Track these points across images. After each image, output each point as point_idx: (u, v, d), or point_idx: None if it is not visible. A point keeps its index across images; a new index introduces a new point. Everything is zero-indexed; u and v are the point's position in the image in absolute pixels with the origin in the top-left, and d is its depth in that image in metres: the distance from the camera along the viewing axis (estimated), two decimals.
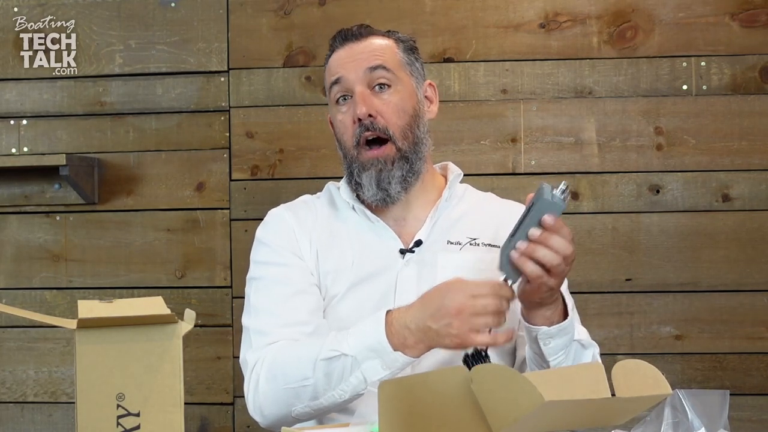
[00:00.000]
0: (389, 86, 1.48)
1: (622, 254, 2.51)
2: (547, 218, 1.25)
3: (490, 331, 1.28)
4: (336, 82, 1.49)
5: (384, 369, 1.31)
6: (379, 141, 1.47)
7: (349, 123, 1.48)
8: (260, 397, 1.39)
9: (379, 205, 1.49)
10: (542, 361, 1.38)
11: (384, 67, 1.48)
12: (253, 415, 1.43)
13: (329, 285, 1.49)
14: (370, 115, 1.45)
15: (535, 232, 1.25)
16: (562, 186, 1.26)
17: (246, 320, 1.50)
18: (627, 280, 2.51)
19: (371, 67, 1.47)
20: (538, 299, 1.32)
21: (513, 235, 1.28)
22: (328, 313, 1.48)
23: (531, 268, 1.26)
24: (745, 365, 2.48)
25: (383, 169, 1.46)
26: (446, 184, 1.58)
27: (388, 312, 1.33)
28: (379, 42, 1.51)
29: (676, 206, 2.51)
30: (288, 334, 1.42)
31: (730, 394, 1.04)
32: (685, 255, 2.50)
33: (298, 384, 1.35)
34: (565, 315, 1.37)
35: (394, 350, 1.30)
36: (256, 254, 1.55)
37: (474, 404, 0.85)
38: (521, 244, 1.26)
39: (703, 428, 1.00)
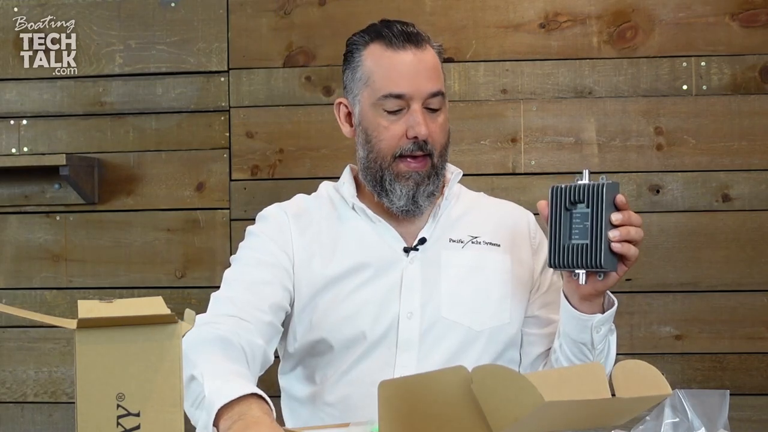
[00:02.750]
0: (439, 108, 1.48)
1: None
2: (621, 197, 1.29)
3: None
4: (398, 96, 1.45)
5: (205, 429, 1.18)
6: (421, 156, 1.48)
7: (397, 133, 1.45)
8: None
9: (401, 215, 1.49)
10: (588, 350, 1.39)
11: (442, 94, 1.48)
12: None
13: (333, 287, 1.48)
14: None
15: (618, 216, 1.27)
16: (587, 173, 1.32)
17: (218, 290, 1.53)
18: (627, 280, 2.51)
19: (433, 93, 1.46)
20: (605, 288, 1.34)
21: (594, 229, 1.27)
22: (334, 314, 1.47)
23: (633, 250, 1.28)
24: (745, 365, 2.48)
25: (420, 183, 1.46)
26: (444, 182, 1.58)
27: (254, 395, 1.18)
28: (431, 54, 1.49)
29: (676, 206, 2.51)
30: (233, 311, 1.42)
31: (730, 394, 1.04)
32: (685, 255, 2.50)
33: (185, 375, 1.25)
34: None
35: (213, 425, 1.16)
36: (245, 242, 1.55)
37: (474, 404, 0.85)
38: (613, 233, 1.27)
39: (703, 428, 1.00)
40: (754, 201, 2.49)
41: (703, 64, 2.50)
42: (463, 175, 1.60)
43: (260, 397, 1.18)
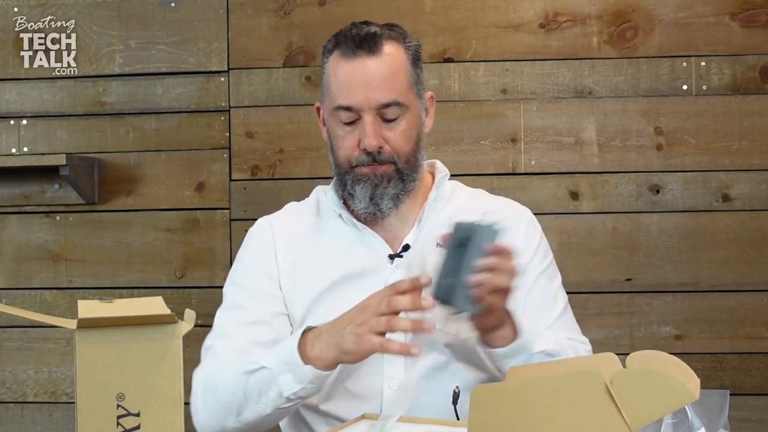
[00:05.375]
0: (397, 117, 1.44)
1: (622, 254, 2.51)
2: (493, 245, 1.26)
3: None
4: (345, 108, 1.42)
5: (296, 383, 1.28)
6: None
7: (352, 144, 1.44)
8: (197, 409, 1.40)
9: (369, 218, 1.47)
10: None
11: (397, 103, 1.43)
12: (195, 424, 1.42)
13: (318, 300, 1.46)
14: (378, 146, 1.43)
15: (486, 261, 1.25)
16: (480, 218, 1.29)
17: (210, 334, 1.51)
18: (627, 280, 2.51)
19: (385, 104, 1.42)
20: (498, 322, 1.32)
21: (456, 270, 1.26)
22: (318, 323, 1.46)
23: (493, 298, 1.26)
24: (745, 365, 2.48)
25: (378, 185, 1.44)
26: (433, 183, 1.55)
27: (308, 327, 1.31)
28: (391, 58, 1.44)
29: (676, 206, 2.51)
30: (231, 357, 1.42)
31: (730, 394, 1.04)
32: (685, 255, 2.50)
33: (227, 398, 1.35)
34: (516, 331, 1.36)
35: (305, 363, 1.27)
36: (232, 271, 1.56)
37: (603, 406, 0.86)
38: (476, 277, 1.25)
39: (703, 428, 1.00)
40: (754, 201, 2.49)
41: (703, 64, 2.50)
42: (463, 175, 1.59)
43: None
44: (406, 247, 1.48)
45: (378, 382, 1.42)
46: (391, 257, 1.47)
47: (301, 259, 1.49)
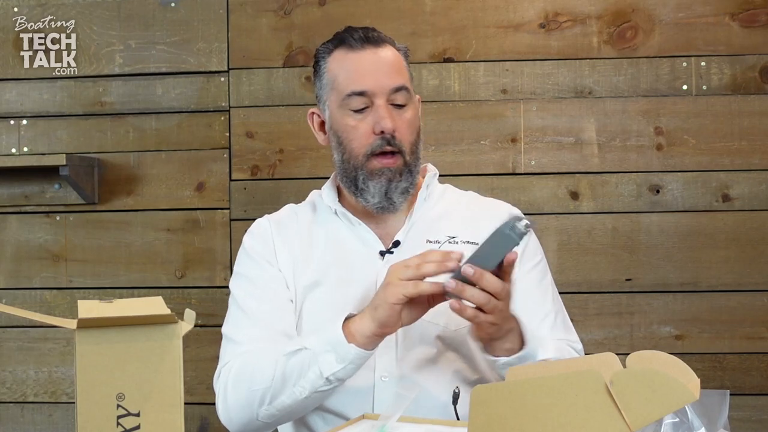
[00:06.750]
0: (405, 104, 1.50)
1: (622, 254, 2.51)
2: (510, 257, 1.25)
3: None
4: (360, 93, 1.47)
5: (338, 362, 1.32)
6: (391, 152, 1.49)
7: (365, 132, 1.47)
8: (228, 403, 1.42)
9: (378, 212, 1.51)
10: None
11: (406, 88, 1.49)
12: (223, 422, 1.45)
13: (310, 290, 1.50)
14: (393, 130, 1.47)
15: (468, 270, 1.23)
16: (525, 222, 1.21)
17: (224, 329, 1.53)
18: (627, 280, 2.51)
19: (396, 88, 1.47)
20: (487, 335, 1.32)
21: (476, 258, 1.24)
22: (309, 318, 1.49)
23: (469, 312, 1.26)
24: (745, 365, 2.48)
25: (392, 179, 1.48)
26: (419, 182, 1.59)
27: (350, 315, 1.35)
28: (393, 53, 1.51)
29: (676, 206, 2.51)
30: (264, 346, 1.44)
31: (730, 394, 1.04)
32: (685, 255, 2.50)
33: (262, 385, 1.37)
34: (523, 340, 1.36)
35: (348, 342, 1.31)
36: (239, 265, 1.58)
37: (604, 405, 0.86)
38: (449, 283, 1.25)
39: (703, 428, 1.00)
40: (754, 201, 2.49)
41: (703, 64, 2.50)
42: (463, 175, 1.60)
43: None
44: (396, 243, 1.52)
45: (370, 376, 1.43)
46: (382, 253, 1.51)
47: (296, 251, 1.54)
